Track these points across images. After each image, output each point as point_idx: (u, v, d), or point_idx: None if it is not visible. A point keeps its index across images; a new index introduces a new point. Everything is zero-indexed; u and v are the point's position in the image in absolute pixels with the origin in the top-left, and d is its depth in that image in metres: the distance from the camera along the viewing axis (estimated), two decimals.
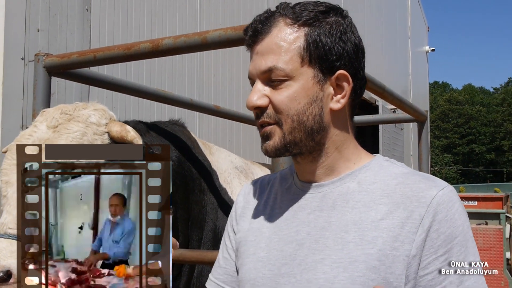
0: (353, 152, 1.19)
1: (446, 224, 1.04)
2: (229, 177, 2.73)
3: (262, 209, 1.27)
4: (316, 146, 1.16)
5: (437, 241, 1.03)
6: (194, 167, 2.45)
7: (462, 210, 1.07)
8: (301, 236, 1.14)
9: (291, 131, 1.13)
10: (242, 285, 1.22)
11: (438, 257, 1.03)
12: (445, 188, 1.07)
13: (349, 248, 1.06)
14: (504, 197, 7.63)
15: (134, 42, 2.43)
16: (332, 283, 1.05)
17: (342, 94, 1.15)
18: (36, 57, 2.56)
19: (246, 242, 1.25)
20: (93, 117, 1.92)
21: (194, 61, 5.86)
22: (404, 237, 1.03)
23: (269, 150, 1.16)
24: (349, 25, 1.16)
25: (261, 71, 1.13)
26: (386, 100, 3.07)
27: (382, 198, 1.09)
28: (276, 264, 1.15)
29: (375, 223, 1.06)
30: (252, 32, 1.16)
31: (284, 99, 1.11)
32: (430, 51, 25.42)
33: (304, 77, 1.11)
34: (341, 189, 1.15)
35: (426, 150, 4.00)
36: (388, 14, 16.50)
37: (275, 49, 1.12)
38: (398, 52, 17.62)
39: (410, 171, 1.15)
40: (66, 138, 1.80)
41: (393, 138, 14.70)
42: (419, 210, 1.05)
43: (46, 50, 3.68)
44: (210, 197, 2.50)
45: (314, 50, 1.11)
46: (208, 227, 2.45)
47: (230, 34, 2.13)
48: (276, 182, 1.31)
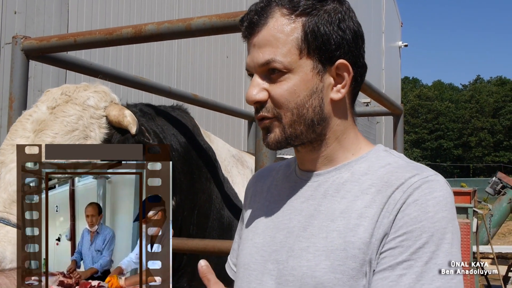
0: (353, 142, 1.18)
1: (414, 207, 1.00)
2: (228, 165, 2.70)
3: (265, 196, 1.28)
4: (317, 137, 1.15)
5: (400, 221, 1.00)
6: (200, 155, 2.42)
7: (441, 200, 1.01)
8: (293, 224, 1.14)
9: (291, 124, 1.11)
10: (238, 269, 1.23)
11: (396, 237, 1.00)
12: (429, 176, 1.04)
13: (333, 236, 1.06)
14: (472, 192, 7.79)
15: (116, 27, 2.40)
16: (314, 271, 1.05)
17: (342, 83, 1.13)
18: (14, 40, 2.50)
19: (248, 228, 1.26)
20: (92, 99, 1.85)
21: (172, 49, 5.81)
22: (380, 223, 1.02)
23: (270, 143, 1.14)
24: (347, 11, 1.13)
25: (258, 64, 1.11)
26: (365, 93, 3.09)
27: (370, 187, 1.08)
28: (268, 250, 1.16)
29: (359, 212, 1.05)
30: (248, 23, 1.13)
31: (284, 93, 1.10)
32: (403, 47, 25.75)
33: (303, 69, 1.09)
34: (335, 179, 1.14)
35: (401, 143, 4.07)
36: (363, 9, 16.63)
37: (272, 41, 1.09)
38: (372, 47, 17.80)
39: (406, 162, 1.13)
40: (61, 122, 1.75)
41: (365, 132, 14.88)
42: (395, 195, 1.03)
43: (23, 32, 3.60)
44: (215, 186, 2.46)
45: (312, 41, 1.09)
46: (214, 216, 2.41)
47: (214, 21, 2.12)
48: (281, 170, 1.31)
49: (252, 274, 1.17)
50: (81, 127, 1.77)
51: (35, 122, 1.75)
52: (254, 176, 1.40)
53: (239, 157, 2.90)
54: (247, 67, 1.15)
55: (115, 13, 4.79)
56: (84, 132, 1.76)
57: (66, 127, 1.74)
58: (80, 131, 1.76)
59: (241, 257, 1.23)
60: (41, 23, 3.88)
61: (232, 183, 2.63)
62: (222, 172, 2.58)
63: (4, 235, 1.49)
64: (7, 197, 1.58)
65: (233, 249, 1.39)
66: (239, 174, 2.73)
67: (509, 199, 9.81)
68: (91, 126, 1.80)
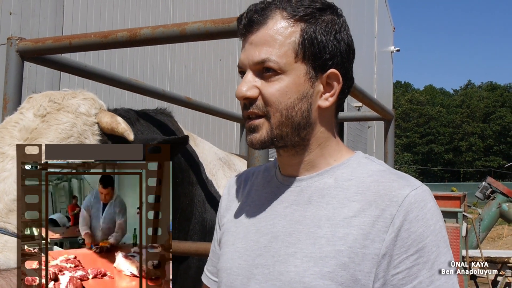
0: (335, 149, 1.20)
1: (417, 223, 1.03)
2: (214, 168, 2.69)
3: (244, 201, 1.28)
4: (301, 142, 1.17)
5: (408, 240, 1.03)
6: (183, 159, 2.41)
7: (435, 210, 1.07)
8: (277, 229, 1.15)
9: (278, 125, 1.13)
10: (220, 274, 1.23)
11: (408, 256, 1.03)
12: (418, 188, 1.07)
13: (321, 243, 1.07)
14: (462, 197, 7.84)
15: (111, 30, 2.41)
16: (302, 276, 1.06)
17: (331, 92, 1.16)
18: (8, 41, 2.51)
19: (228, 232, 1.26)
20: (83, 107, 1.84)
21: (166, 52, 5.82)
22: (375, 236, 1.04)
23: (255, 142, 1.16)
24: (343, 24, 1.17)
25: (254, 62, 1.12)
26: (357, 98, 3.12)
27: (356, 195, 1.10)
28: (251, 255, 1.17)
29: (347, 220, 1.07)
30: (247, 21, 1.14)
31: (275, 92, 1.11)
32: (395, 51, 25.87)
33: (296, 72, 1.12)
34: (318, 185, 1.16)
35: (392, 148, 4.10)
36: (356, 13, 16.71)
37: (270, 41, 1.11)
38: (364, 51, 17.87)
39: (387, 169, 1.16)
40: (55, 130, 1.73)
41: (357, 136, 14.93)
42: (390, 209, 1.05)
43: (18, 33, 3.61)
44: (197, 190, 2.46)
45: (309, 47, 1.11)
46: (196, 219, 2.40)
47: (209, 27, 2.14)
48: (260, 174, 1.32)
49: (236, 279, 1.17)
50: (75, 134, 1.76)
51: (24, 130, 1.73)
52: (231, 180, 1.40)
53: (226, 160, 2.89)
54: (239, 64, 1.17)
55: (109, 15, 4.81)
56: (78, 139, 1.76)
57: (60, 134, 1.73)
58: (74, 137, 1.75)
59: (222, 262, 1.23)
60: (36, 24, 3.89)
61: (217, 186, 2.62)
62: (207, 175, 2.58)
63: (4, 244, 1.47)
64: (3, 207, 1.55)
65: (209, 258, 1.39)
66: (225, 177, 2.72)
67: (498, 203, 9.89)
68: (85, 133, 1.79)
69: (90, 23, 4.52)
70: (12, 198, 1.55)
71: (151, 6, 5.59)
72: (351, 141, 14.02)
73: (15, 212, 1.53)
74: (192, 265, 2.38)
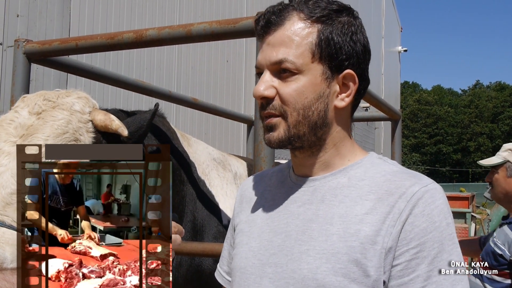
0: (349, 150, 1.22)
1: (422, 218, 1.05)
2: (207, 168, 2.72)
3: (258, 201, 1.30)
4: (317, 141, 1.18)
5: (411, 233, 1.04)
6: (173, 158, 2.44)
7: (443, 207, 1.08)
8: (290, 228, 1.17)
9: (295, 124, 1.15)
10: (233, 273, 1.25)
11: (409, 249, 1.04)
12: (428, 185, 1.09)
13: (333, 240, 1.09)
14: (470, 197, 7.82)
15: (118, 31, 2.42)
16: (315, 273, 1.07)
17: (347, 93, 1.17)
18: (16, 43, 2.52)
19: (242, 233, 1.28)
20: (77, 105, 1.89)
21: (173, 53, 5.84)
22: (384, 231, 1.06)
23: (272, 141, 1.17)
24: (360, 26, 1.19)
25: (271, 62, 1.14)
26: (364, 99, 3.11)
27: (369, 194, 1.12)
28: (265, 254, 1.18)
29: (360, 217, 1.09)
30: (265, 22, 1.17)
31: (292, 92, 1.13)
32: (403, 51, 25.80)
33: (313, 72, 1.13)
34: (332, 184, 1.18)
35: (399, 148, 4.09)
36: (363, 14, 16.66)
37: (287, 42, 1.13)
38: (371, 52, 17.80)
39: (400, 169, 1.17)
40: (51, 126, 1.78)
41: (364, 136, 14.89)
42: (399, 205, 1.07)
43: (25, 35, 3.63)
44: (189, 188, 2.49)
45: (326, 47, 1.13)
46: (187, 218, 2.43)
47: (214, 27, 2.14)
48: (274, 176, 1.34)
49: (250, 278, 1.18)
50: (71, 130, 1.80)
51: (20, 127, 1.77)
52: (244, 182, 1.42)
53: (221, 161, 2.92)
54: (257, 64, 1.19)
55: (116, 16, 4.82)
56: (74, 135, 1.80)
57: (57, 130, 1.77)
58: (70, 133, 1.80)
59: (236, 261, 1.25)
60: (43, 26, 3.91)
61: (209, 185, 2.65)
62: (199, 174, 2.61)
63: (1, 236, 1.51)
64: (0, 200, 1.58)
65: (222, 256, 1.41)
66: (218, 177, 2.75)
67: None
68: (79, 130, 1.84)
69: (97, 25, 4.54)
70: (9, 192, 1.58)
71: (158, 8, 5.60)
72: (358, 142, 13.96)
73: (12, 205, 1.57)
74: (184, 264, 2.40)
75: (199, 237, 2.49)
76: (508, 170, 3.01)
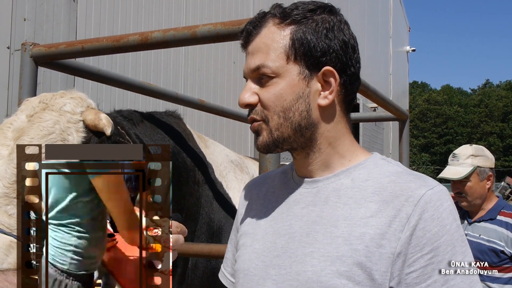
0: (348, 149, 1.20)
1: (432, 222, 1.04)
2: (224, 170, 2.71)
3: (262, 202, 1.30)
4: (308, 142, 1.18)
5: (423, 239, 1.03)
6: (188, 159, 2.43)
7: (451, 209, 1.08)
8: (294, 230, 1.16)
9: (278, 127, 1.15)
10: (237, 275, 1.25)
11: (423, 255, 1.03)
12: (435, 188, 1.08)
13: (337, 242, 1.08)
14: None
15: (123, 34, 2.44)
16: (319, 276, 1.07)
17: (329, 90, 1.16)
18: (23, 47, 2.55)
19: (246, 235, 1.28)
20: (68, 105, 1.91)
21: (180, 55, 5.85)
22: (391, 235, 1.05)
23: (259, 145, 1.19)
24: (337, 22, 1.17)
25: (250, 69, 1.17)
26: (370, 99, 3.11)
27: (373, 195, 1.11)
28: (269, 255, 1.17)
29: (364, 220, 1.08)
30: (245, 33, 1.20)
31: (271, 96, 1.14)
32: (411, 51, 25.71)
33: (290, 73, 1.14)
34: (335, 185, 1.17)
35: (407, 149, 4.08)
36: (370, 14, 16.63)
37: (263, 48, 1.15)
38: (379, 52, 17.78)
39: (404, 170, 1.16)
40: (37, 127, 1.81)
41: (373, 137, 14.85)
42: (406, 209, 1.05)
43: (32, 39, 3.66)
44: (205, 190, 2.48)
45: (299, 47, 1.13)
46: (203, 220, 2.42)
47: (219, 29, 2.15)
48: (277, 177, 1.33)
49: (253, 280, 1.18)
50: (57, 130, 1.83)
51: (15, 131, 1.82)
52: (248, 184, 1.42)
53: (238, 163, 2.91)
54: (243, 74, 1.22)
55: (123, 19, 4.85)
56: (61, 136, 1.83)
57: (42, 132, 1.80)
58: (56, 134, 1.82)
59: (240, 263, 1.25)
60: (50, 30, 3.93)
61: (227, 187, 2.64)
62: (216, 176, 2.60)
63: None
64: None
65: (226, 258, 1.41)
66: (236, 179, 2.74)
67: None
68: (68, 130, 1.85)
69: (104, 28, 4.57)
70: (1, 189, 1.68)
71: (164, 10, 5.62)
72: (367, 142, 13.95)
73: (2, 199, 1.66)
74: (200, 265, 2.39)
75: (216, 239, 2.48)
76: (479, 175, 3.01)
